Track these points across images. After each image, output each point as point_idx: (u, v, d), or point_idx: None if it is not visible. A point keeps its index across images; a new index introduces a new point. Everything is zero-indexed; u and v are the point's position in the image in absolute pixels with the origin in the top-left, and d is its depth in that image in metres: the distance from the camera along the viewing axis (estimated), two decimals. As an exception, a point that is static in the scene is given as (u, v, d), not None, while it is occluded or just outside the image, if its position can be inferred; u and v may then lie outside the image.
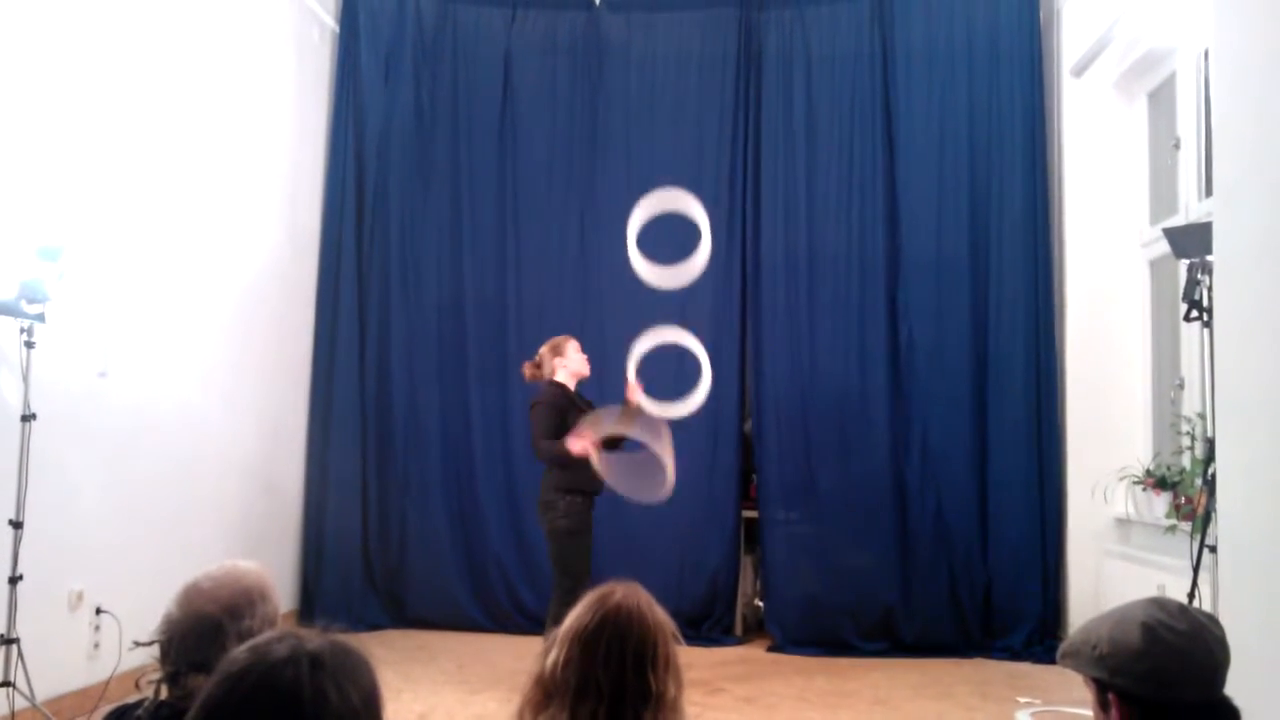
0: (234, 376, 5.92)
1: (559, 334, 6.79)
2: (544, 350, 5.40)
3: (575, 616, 1.80)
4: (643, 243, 5.12)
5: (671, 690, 1.76)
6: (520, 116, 7.08)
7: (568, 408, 5.20)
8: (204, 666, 1.74)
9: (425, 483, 6.84)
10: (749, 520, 6.75)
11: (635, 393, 5.15)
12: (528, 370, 5.43)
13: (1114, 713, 1.67)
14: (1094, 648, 1.70)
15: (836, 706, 5.17)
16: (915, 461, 6.53)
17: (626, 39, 7.07)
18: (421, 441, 6.88)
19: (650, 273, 5.13)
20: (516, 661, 5.54)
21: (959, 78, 6.74)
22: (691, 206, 5.22)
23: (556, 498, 5.11)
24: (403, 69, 7.10)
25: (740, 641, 6.58)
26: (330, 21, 7.09)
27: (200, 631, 1.85)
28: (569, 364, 5.33)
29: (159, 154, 5.21)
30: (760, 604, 6.88)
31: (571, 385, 5.33)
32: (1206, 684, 1.65)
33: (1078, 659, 1.73)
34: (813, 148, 6.81)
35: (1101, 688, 1.69)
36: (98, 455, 4.75)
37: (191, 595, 1.90)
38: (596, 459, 4.98)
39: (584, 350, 5.45)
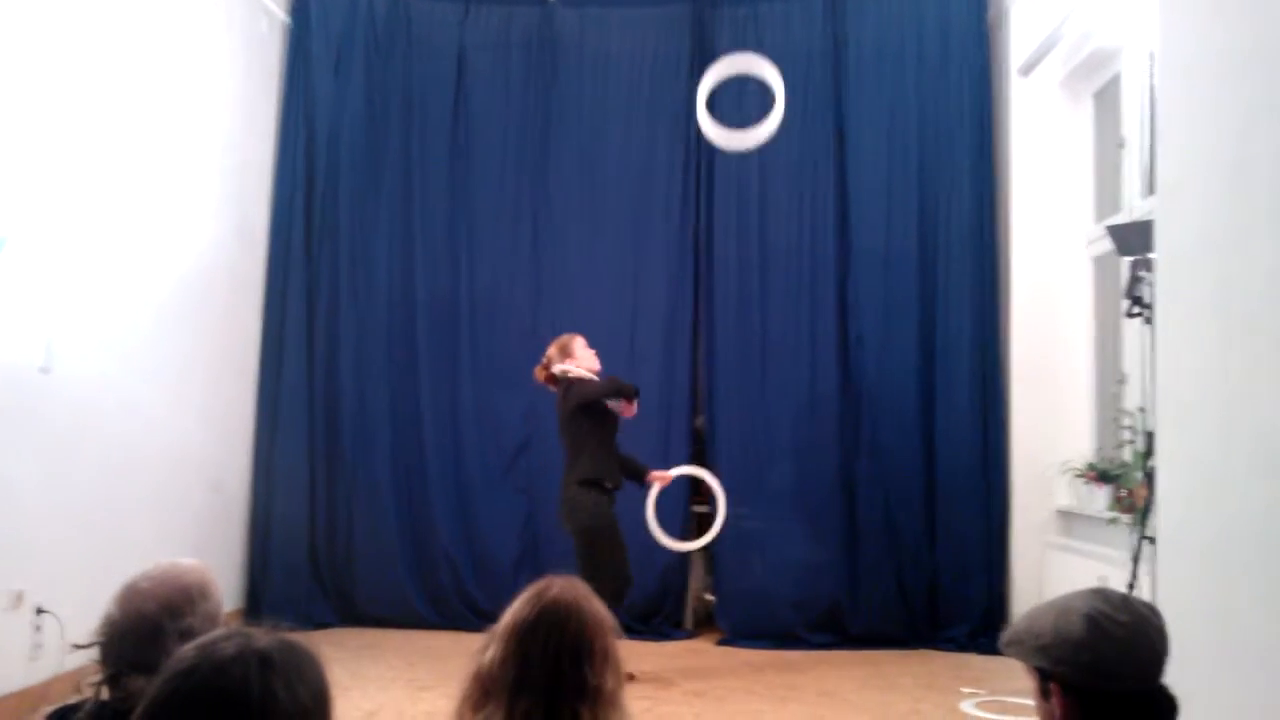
0: (179, 372, 5.84)
1: (511, 331, 6.84)
2: (552, 351, 5.49)
3: (512, 611, 1.80)
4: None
5: (610, 684, 1.74)
6: (473, 112, 7.04)
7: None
8: (144, 667, 1.72)
9: (374, 480, 6.78)
10: (700, 515, 6.77)
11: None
12: (539, 374, 5.52)
13: (1055, 701, 1.70)
14: (1037, 637, 1.72)
15: (785, 699, 5.21)
16: (864, 456, 6.59)
17: (580, 34, 7.05)
18: (371, 438, 6.82)
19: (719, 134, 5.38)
20: (466, 658, 5.52)
21: (909, 76, 6.80)
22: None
23: (580, 492, 5.23)
24: (354, 63, 7.02)
25: (690, 635, 6.61)
26: (280, 14, 6.99)
27: (139, 632, 1.83)
28: (579, 361, 5.40)
29: (103, 147, 5.12)
30: (710, 598, 6.91)
31: None
32: (1147, 674, 1.69)
33: (1020, 648, 1.76)
34: (766, 144, 6.82)
35: (1043, 677, 1.72)
36: (39, 452, 4.66)
37: (130, 595, 1.88)
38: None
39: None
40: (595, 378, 5.44)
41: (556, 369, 5.46)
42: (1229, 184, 3.15)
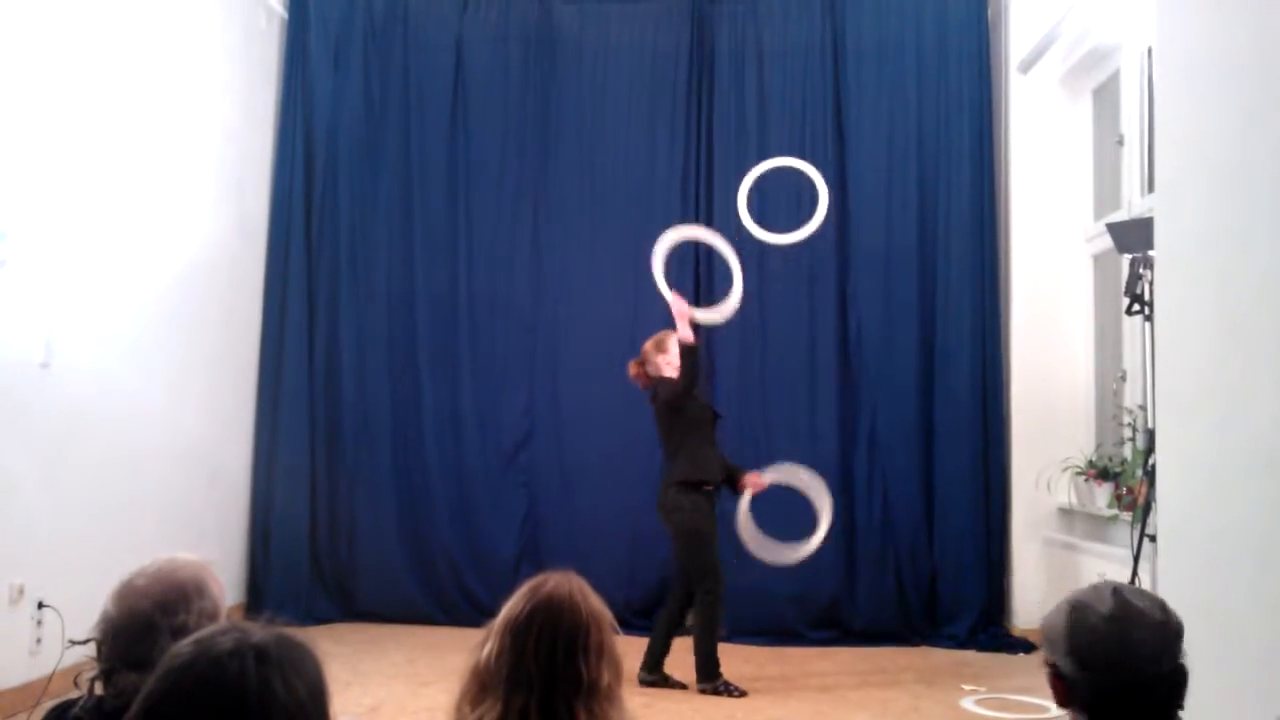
0: (180, 367, 5.84)
1: (511, 325, 6.84)
2: (648, 347, 5.46)
3: (508, 606, 1.80)
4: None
5: (605, 679, 1.74)
6: (472, 106, 7.03)
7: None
8: (138, 664, 1.73)
9: (375, 475, 6.78)
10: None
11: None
12: (633, 369, 5.50)
13: (1051, 685, 1.77)
14: (1043, 629, 1.81)
15: (785, 695, 5.22)
16: (863, 452, 6.59)
17: (579, 29, 7.04)
18: (371, 433, 6.82)
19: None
20: (466, 653, 5.52)
21: (908, 72, 6.80)
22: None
23: (681, 497, 5.20)
24: (353, 57, 7.01)
25: (690, 631, 6.59)
26: (278, 8, 6.98)
27: (133, 629, 1.83)
28: (674, 359, 5.37)
29: (102, 142, 5.11)
30: (711, 594, 6.89)
31: None
32: (1128, 666, 1.70)
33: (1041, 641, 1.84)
34: (764, 140, 6.83)
35: (1047, 664, 1.79)
36: (40, 447, 4.66)
37: (125, 592, 1.89)
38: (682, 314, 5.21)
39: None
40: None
41: (651, 370, 5.41)
42: (1228, 181, 3.15)
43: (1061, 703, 1.76)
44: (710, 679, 5.19)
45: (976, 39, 6.77)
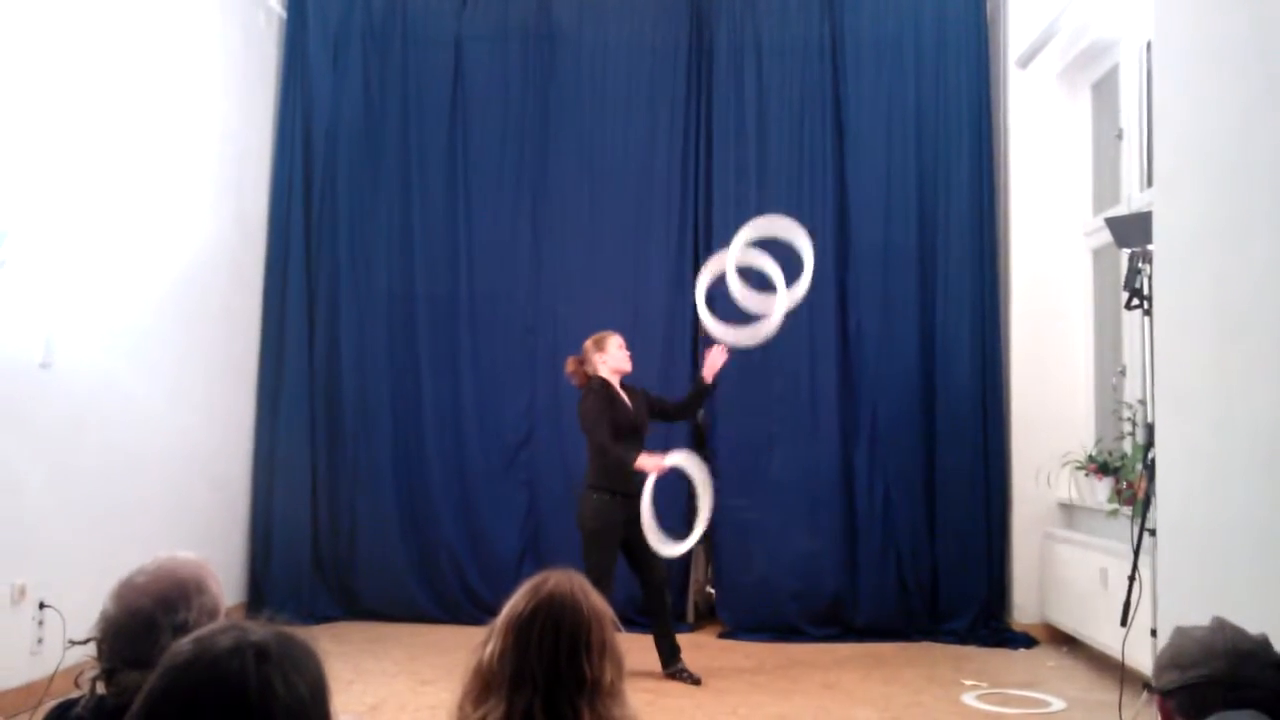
0: (180, 366, 5.84)
1: (511, 323, 6.84)
2: (588, 344, 5.48)
3: (510, 605, 1.80)
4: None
5: (609, 677, 1.74)
6: (471, 104, 7.03)
7: (612, 403, 5.31)
8: (139, 662, 1.73)
9: (376, 473, 6.78)
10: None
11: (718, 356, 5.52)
12: (570, 365, 5.50)
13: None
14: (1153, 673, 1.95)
15: (787, 691, 5.22)
16: (864, 448, 6.59)
17: (578, 26, 7.04)
18: (372, 432, 6.82)
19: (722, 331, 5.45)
20: (468, 652, 5.51)
21: (907, 68, 6.79)
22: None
23: (588, 494, 5.26)
24: (351, 55, 7.01)
25: (692, 628, 6.61)
26: (277, 7, 6.98)
27: (134, 627, 1.83)
28: (609, 360, 5.40)
29: (101, 141, 5.11)
30: (712, 591, 6.91)
31: (614, 381, 5.42)
32: (1225, 660, 1.80)
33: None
34: (763, 136, 6.83)
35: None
36: (40, 448, 4.66)
37: (125, 591, 1.88)
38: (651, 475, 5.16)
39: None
40: (611, 391, 5.36)
41: (589, 369, 5.42)
42: (1227, 175, 3.15)
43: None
44: None
45: (975, 34, 6.77)
